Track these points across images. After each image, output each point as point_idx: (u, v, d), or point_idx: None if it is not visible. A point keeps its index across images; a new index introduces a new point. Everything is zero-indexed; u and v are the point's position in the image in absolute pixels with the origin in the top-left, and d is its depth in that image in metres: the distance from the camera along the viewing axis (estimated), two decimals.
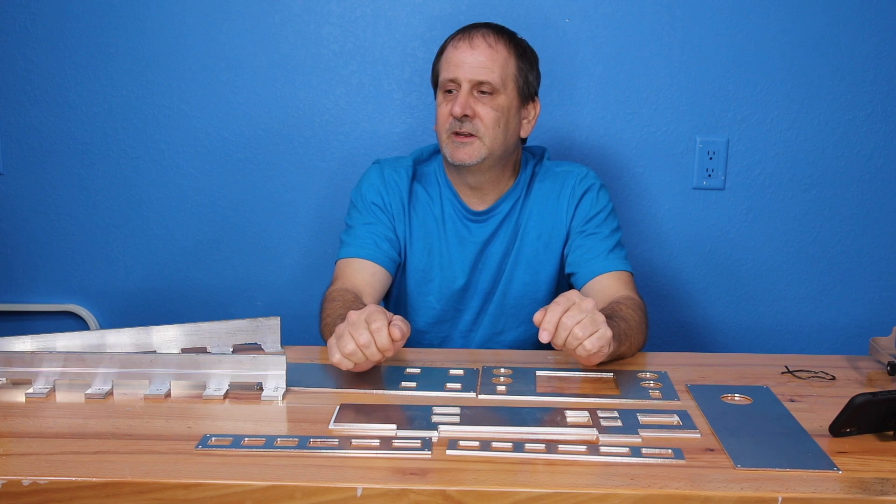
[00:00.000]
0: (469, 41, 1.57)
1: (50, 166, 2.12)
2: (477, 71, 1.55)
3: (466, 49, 1.56)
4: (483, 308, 1.69)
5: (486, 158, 1.57)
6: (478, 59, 1.55)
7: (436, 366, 1.34)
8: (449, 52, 1.59)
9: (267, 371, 1.21)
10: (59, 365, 1.21)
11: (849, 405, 1.04)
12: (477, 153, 1.56)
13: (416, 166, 1.69)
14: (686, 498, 0.92)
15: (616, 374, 1.31)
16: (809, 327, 2.14)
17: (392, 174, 1.67)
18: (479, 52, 1.56)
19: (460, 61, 1.56)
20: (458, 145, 1.56)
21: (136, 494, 0.93)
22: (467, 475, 0.95)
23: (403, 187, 1.66)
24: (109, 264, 2.17)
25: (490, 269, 1.66)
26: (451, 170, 1.65)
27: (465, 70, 1.55)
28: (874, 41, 2.01)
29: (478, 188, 1.64)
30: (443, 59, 1.61)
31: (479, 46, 1.56)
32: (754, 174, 2.08)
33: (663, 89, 2.05)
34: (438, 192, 1.67)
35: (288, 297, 2.15)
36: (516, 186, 1.67)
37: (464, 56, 1.56)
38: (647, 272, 2.12)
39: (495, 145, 1.57)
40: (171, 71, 2.07)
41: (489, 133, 1.56)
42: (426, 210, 1.67)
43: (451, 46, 1.59)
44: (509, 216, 1.66)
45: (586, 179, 1.66)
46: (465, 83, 1.55)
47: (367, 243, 1.62)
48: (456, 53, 1.57)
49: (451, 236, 1.66)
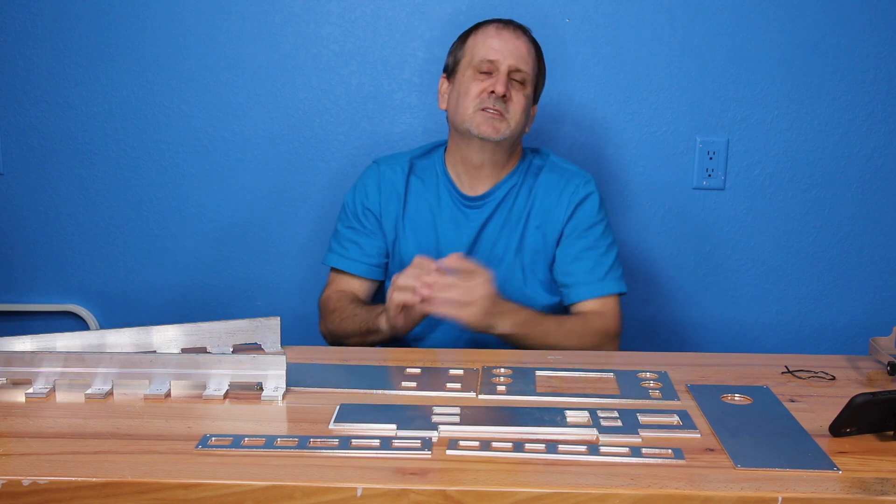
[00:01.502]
0: (512, 30, 1.66)
1: (50, 166, 2.12)
2: (518, 59, 1.64)
3: (510, 36, 1.65)
4: None
5: (507, 138, 1.64)
6: (519, 49, 1.65)
7: (436, 366, 1.34)
8: (490, 34, 1.66)
9: (267, 371, 1.21)
10: (59, 365, 1.21)
11: (849, 405, 1.04)
12: (503, 130, 1.63)
13: (412, 161, 1.76)
14: (686, 498, 0.92)
15: (616, 374, 1.31)
16: (809, 327, 2.14)
17: (388, 170, 1.74)
18: (521, 43, 1.66)
19: (502, 46, 1.64)
20: (489, 119, 1.62)
21: (136, 494, 0.93)
22: (467, 475, 0.95)
23: (399, 181, 1.72)
24: (109, 264, 2.17)
25: (484, 252, 1.70)
26: (461, 144, 1.68)
27: (506, 55, 1.63)
28: (874, 41, 2.01)
29: (479, 168, 1.69)
30: (479, 40, 1.66)
31: (521, 38, 1.67)
32: (754, 174, 2.08)
33: (663, 89, 2.05)
34: (435, 181, 1.73)
35: (288, 297, 2.16)
36: (513, 174, 1.72)
37: (507, 42, 1.64)
38: (647, 272, 2.12)
39: (517, 130, 1.66)
40: (171, 71, 2.07)
41: (516, 117, 1.64)
42: (421, 199, 1.72)
43: (494, 29, 1.66)
44: (504, 202, 1.70)
45: (589, 185, 1.71)
46: (505, 67, 1.63)
47: (352, 254, 1.74)
48: (498, 38, 1.65)
49: (446, 221, 1.71)
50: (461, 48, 1.69)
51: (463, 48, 1.69)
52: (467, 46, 1.68)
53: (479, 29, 1.68)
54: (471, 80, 1.64)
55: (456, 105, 1.66)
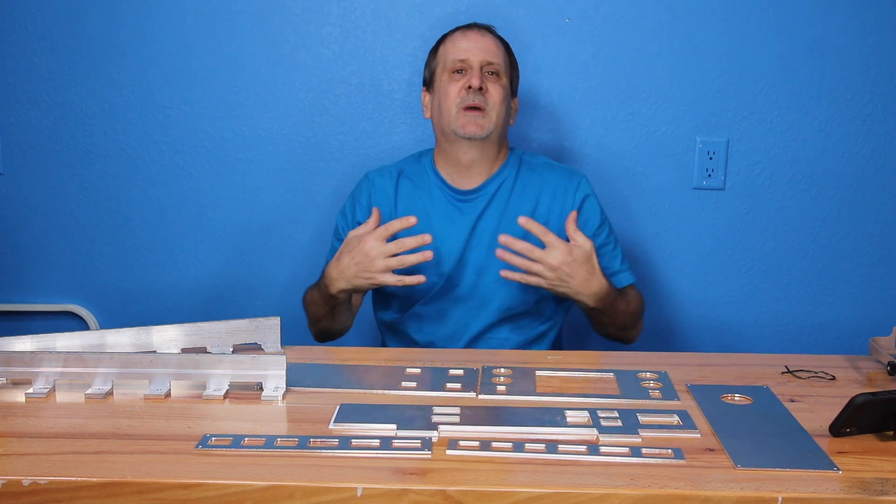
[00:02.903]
0: (477, 30, 1.73)
1: (50, 166, 2.12)
2: (487, 53, 1.70)
3: (476, 35, 1.72)
4: (477, 282, 1.70)
5: (492, 132, 1.68)
6: (487, 45, 1.71)
7: (436, 366, 1.34)
8: (457, 39, 1.73)
9: (267, 371, 1.21)
10: (59, 365, 1.21)
11: (849, 405, 1.04)
12: (487, 126, 1.67)
13: (402, 167, 1.80)
14: (686, 498, 0.92)
15: (616, 374, 1.31)
16: (809, 327, 2.14)
17: (377, 178, 1.79)
18: (487, 39, 1.72)
19: (471, 46, 1.70)
20: (472, 118, 1.66)
21: (136, 494, 0.93)
22: (467, 475, 0.95)
23: (389, 186, 1.77)
24: (109, 264, 2.17)
25: (482, 245, 1.70)
26: (449, 148, 1.72)
27: (475, 52, 1.69)
28: (873, 41, 2.01)
29: (470, 167, 1.72)
30: (448, 46, 1.73)
31: (486, 35, 1.73)
32: (754, 174, 2.08)
33: (663, 89, 2.05)
34: (426, 181, 1.76)
35: (288, 297, 2.15)
36: (505, 167, 1.75)
37: (474, 41, 1.71)
38: (647, 272, 2.12)
39: (500, 121, 1.69)
40: (172, 71, 2.07)
41: (496, 108, 1.68)
42: (413, 198, 1.75)
43: (460, 34, 1.73)
44: (498, 195, 1.73)
45: (588, 184, 1.76)
46: (477, 63, 1.68)
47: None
48: (465, 39, 1.71)
49: (440, 217, 1.72)
50: (434, 59, 1.76)
51: (435, 58, 1.75)
52: (439, 55, 1.75)
53: (447, 37, 1.75)
54: (448, 83, 1.70)
55: (439, 110, 1.71)
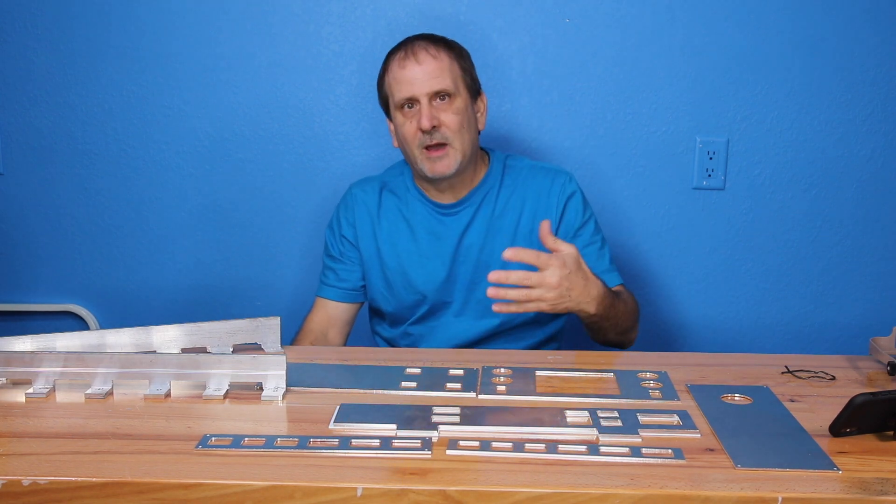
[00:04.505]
0: (414, 57, 1.62)
1: (50, 166, 2.12)
2: (431, 83, 1.60)
3: (413, 65, 1.61)
4: (468, 298, 1.70)
5: (461, 164, 1.63)
6: (427, 72, 1.60)
7: (436, 366, 1.34)
8: (396, 72, 1.63)
9: (267, 371, 1.21)
10: (59, 365, 1.21)
11: (849, 405, 1.04)
12: (453, 162, 1.62)
13: (384, 179, 1.77)
14: (686, 498, 0.92)
15: (616, 374, 1.31)
16: (809, 327, 2.14)
17: (360, 192, 1.76)
18: (427, 65, 1.61)
19: (412, 78, 1.61)
20: (435, 160, 1.61)
21: (136, 494, 0.93)
22: (467, 475, 0.95)
23: (371, 200, 1.74)
24: (109, 264, 2.17)
25: (470, 260, 1.69)
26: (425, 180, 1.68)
27: (419, 85, 1.60)
28: (874, 41, 2.01)
29: (448, 188, 1.69)
30: (390, 79, 1.65)
31: (424, 60, 1.61)
32: (754, 174, 2.08)
33: (663, 89, 2.05)
34: (407, 194, 1.73)
35: (288, 297, 2.16)
36: (488, 177, 1.71)
37: (413, 72, 1.61)
38: (647, 272, 2.12)
39: (465, 148, 1.63)
40: (172, 71, 2.07)
41: (458, 137, 1.61)
42: (396, 212, 1.73)
43: (397, 66, 1.63)
44: (482, 208, 1.69)
45: (572, 182, 1.71)
46: (424, 97, 1.60)
47: (330, 281, 1.77)
48: (405, 72, 1.62)
49: (423, 232, 1.70)
50: (382, 89, 1.69)
51: (383, 89, 1.68)
52: (386, 87, 1.67)
53: (387, 67, 1.66)
54: (403, 123, 1.63)
55: (403, 149, 1.67)
